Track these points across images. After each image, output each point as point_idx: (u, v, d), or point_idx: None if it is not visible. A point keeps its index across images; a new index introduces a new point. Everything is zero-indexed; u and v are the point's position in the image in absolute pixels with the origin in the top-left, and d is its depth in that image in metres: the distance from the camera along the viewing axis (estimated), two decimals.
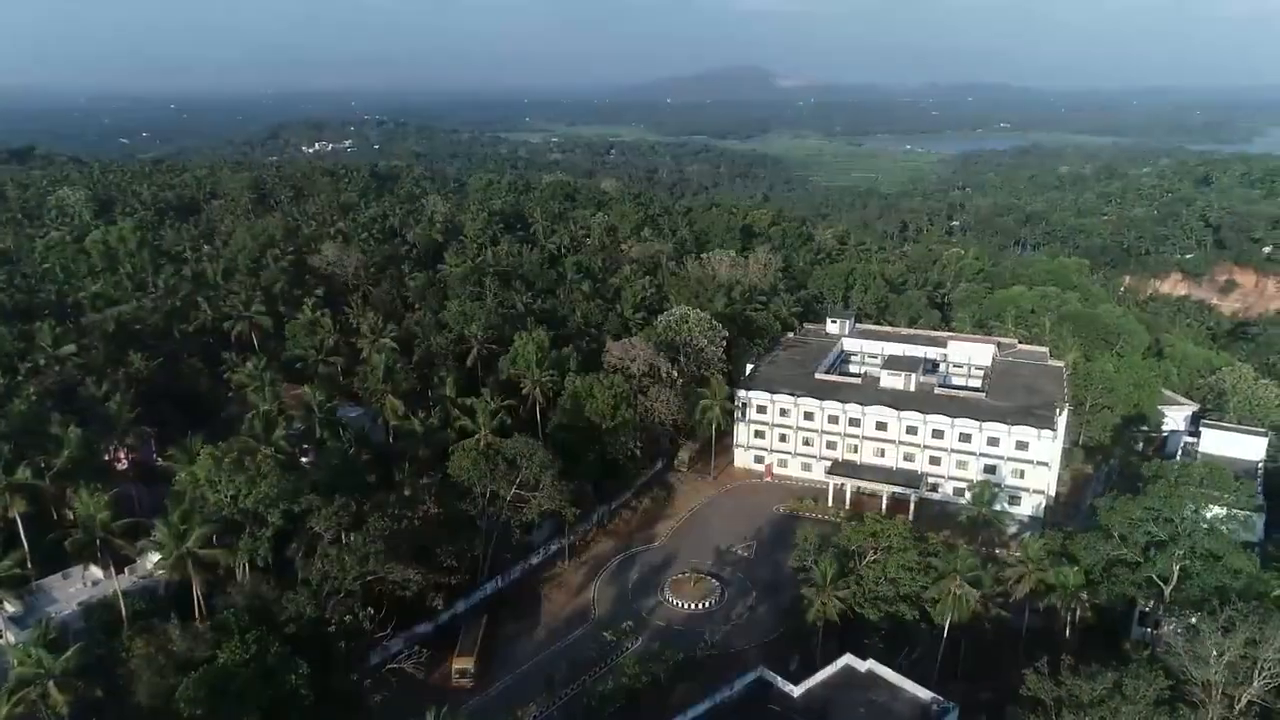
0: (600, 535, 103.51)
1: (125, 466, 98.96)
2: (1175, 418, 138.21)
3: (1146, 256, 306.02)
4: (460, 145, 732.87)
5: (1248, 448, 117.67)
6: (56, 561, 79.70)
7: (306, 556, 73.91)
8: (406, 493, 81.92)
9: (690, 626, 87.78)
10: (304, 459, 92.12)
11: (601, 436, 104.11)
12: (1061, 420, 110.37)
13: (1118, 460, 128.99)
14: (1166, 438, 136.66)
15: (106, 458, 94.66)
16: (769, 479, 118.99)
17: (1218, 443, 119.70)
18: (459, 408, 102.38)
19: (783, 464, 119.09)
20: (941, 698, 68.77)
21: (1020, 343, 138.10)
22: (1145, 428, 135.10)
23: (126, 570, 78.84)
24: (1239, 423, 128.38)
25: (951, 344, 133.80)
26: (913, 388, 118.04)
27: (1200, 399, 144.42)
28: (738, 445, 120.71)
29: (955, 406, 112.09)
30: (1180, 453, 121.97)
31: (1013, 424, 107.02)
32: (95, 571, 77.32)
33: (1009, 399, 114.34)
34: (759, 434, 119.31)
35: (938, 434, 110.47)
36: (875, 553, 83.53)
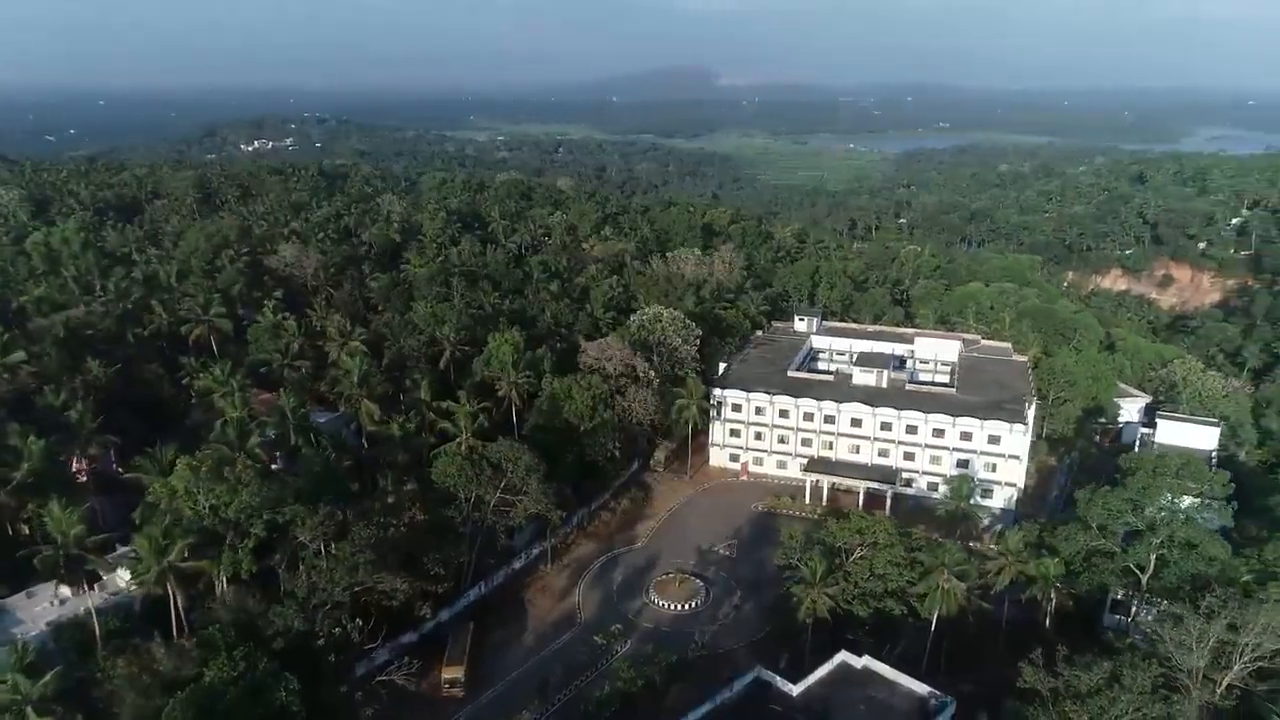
0: (581, 538, 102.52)
1: (85, 478, 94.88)
2: (1130, 409, 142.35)
3: (1088, 253, 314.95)
4: (405, 144, 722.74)
5: (1201, 437, 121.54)
6: (18, 580, 76.13)
7: (290, 567, 71.68)
8: (390, 499, 79.92)
9: (678, 627, 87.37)
10: (274, 466, 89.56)
11: (580, 438, 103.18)
12: (1031, 414, 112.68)
13: (1079, 452, 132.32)
14: (1122, 429, 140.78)
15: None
16: (745, 477, 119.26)
17: (1173, 433, 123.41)
18: (436, 411, 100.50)
19: (758, 462, 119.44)
20: (939, 692, 69.40)
21: (983, 338, 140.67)
22: (1103, 420, 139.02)
23: (95, 587, 75.56)
24: (1191, 414, 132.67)
25: (918, 340, 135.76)
26: (885, 384, 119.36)
27: (1152, 391, 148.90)
28: (713, 444, 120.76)
29: (928, 402, 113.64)
30: (1138, 443, 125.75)
31: (985, 418, 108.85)
32: (64, 589, 73.86)
33: (979, 394, 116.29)
34: (734, 432, 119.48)
35: (911, 429, 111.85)
36: (862, 549, 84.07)
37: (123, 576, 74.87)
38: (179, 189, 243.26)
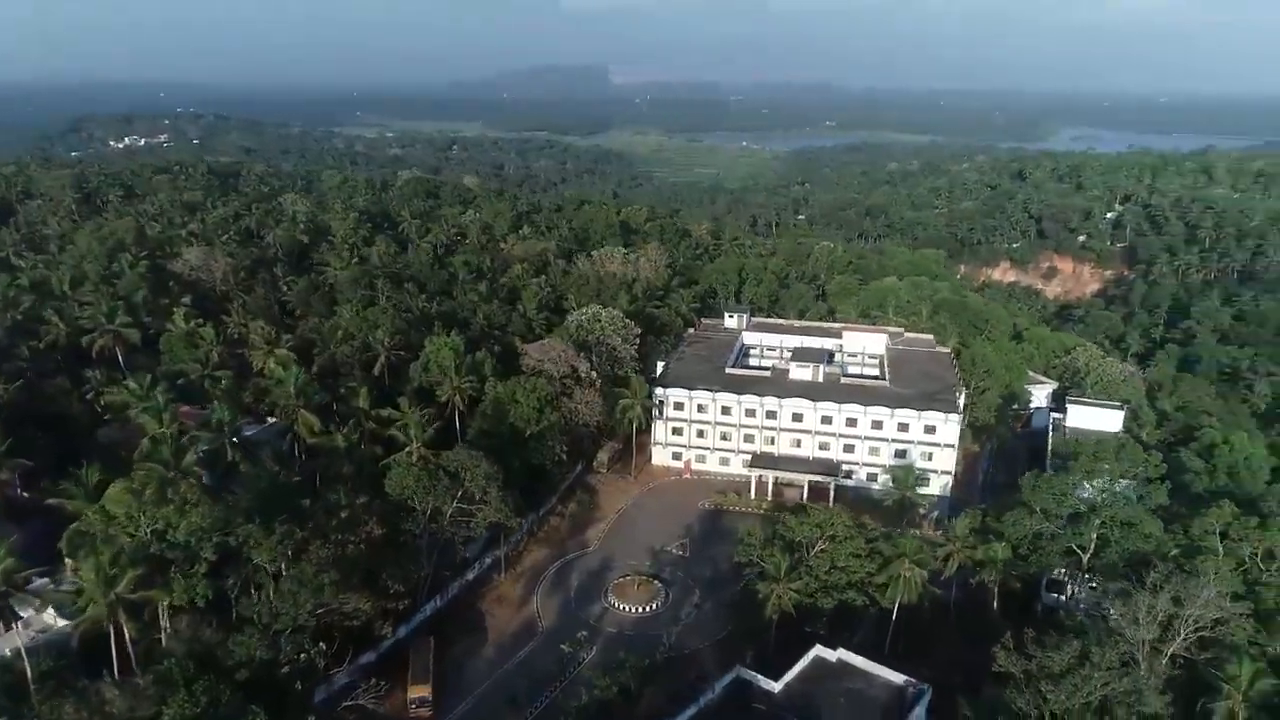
0: (532, 544, 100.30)
1: None
2: (1039, 396, 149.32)
3: (979, 247, 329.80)
4: (292, 140, 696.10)
5: (1107, 420, 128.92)
6: None
7: (245, 591, 67.30)
8: (344, 514, 76.08)
9: (641, 630, 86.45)
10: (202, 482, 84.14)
11: (527, 442, 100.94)
12: (962, 403, 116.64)
13: (997, 438, 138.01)
14: (1032, 414, 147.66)
15: None
16: (687, 475, 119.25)
17: (1082, 417, 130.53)
18: (377, 420, 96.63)
19: (700, 459, 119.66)
20: (914, 680, 70.83)
21: (906, 331, 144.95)
22: (1015, 406, 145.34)
23: (18, 625, 69.12)
24: (1096, 399, 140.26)
25: (846, 334, 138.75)
26: (821, 379, 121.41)
27: (1058, 378, 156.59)
28: (656, 443, 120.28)
29: (864, 395, 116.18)
30: (1051, 428, 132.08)
31: (922, 409, 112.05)
32: None
33: (910, 386, 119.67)
34: (677, 431, 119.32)
35: (851, 422, 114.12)
36: (822, 543, 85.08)
37: (50, 612, 68.91)
38: (54, 188, 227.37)
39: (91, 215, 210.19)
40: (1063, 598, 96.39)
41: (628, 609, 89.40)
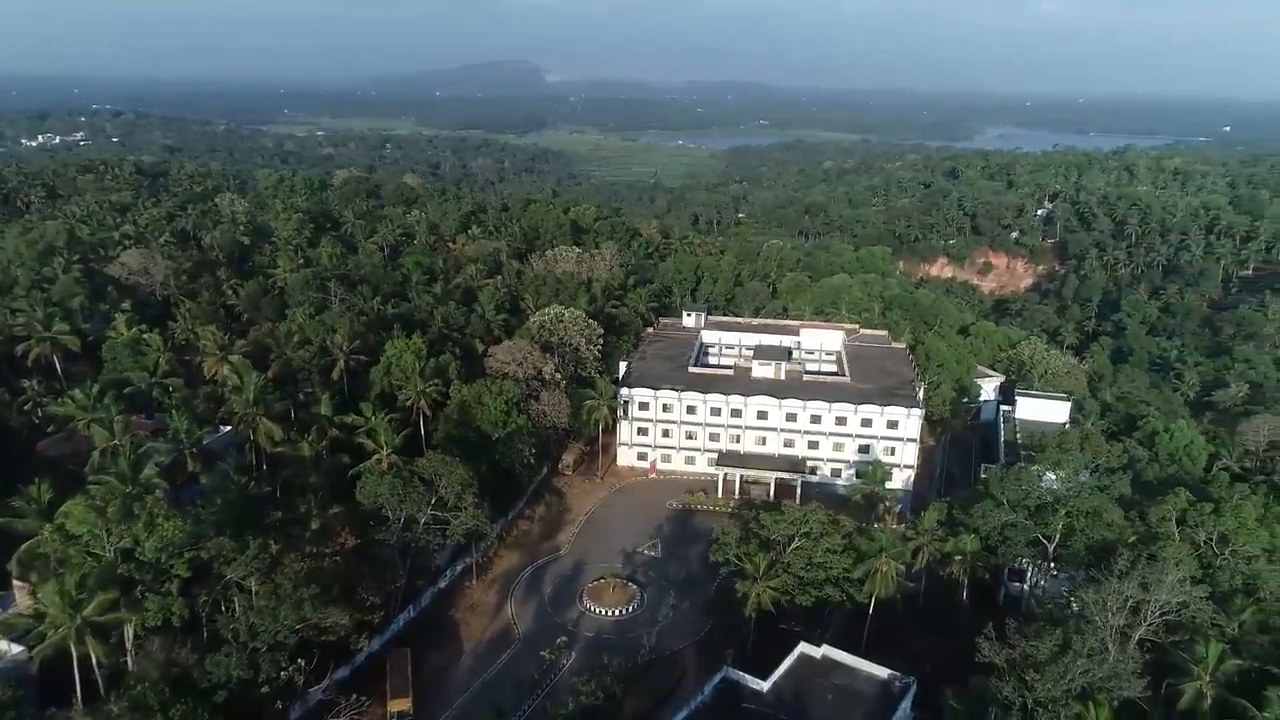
0: (503, 549, 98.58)
1: None
2: (987, 389, 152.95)
3: (916, 243, 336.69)
4: (218, 138, 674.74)
5: (1055, 412, 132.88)
6: None
7: (216, 609, 64.54)
8: (314, 526, 73.65)
9: (619, 633, 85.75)
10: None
11: (494, 445, 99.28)
12: (921, 397, 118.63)
13: (951, 431, 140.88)
14: (980, 407, 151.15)
15: None
16: (653, 475, 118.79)
17: (1031, 409, 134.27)
18: (339, 427, 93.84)
19: (666, 459, 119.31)
20: (899, 674, 71.60)
21: (860, 328, 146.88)
22: (966, 399, 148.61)
23: None
24: (1043, 391, 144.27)
25: (804, 331, 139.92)
26: (783, 376, 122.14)
27: (1004, 371, 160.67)
28: (621, 444, 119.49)
29: (827, 391, 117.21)
30: (1001, 420, 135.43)
31: (884, 405, 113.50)
32: None
33: (870, 381, 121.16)
34: (642, 431, 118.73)
35: (816, 419, 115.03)
36: (798, 540, 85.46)
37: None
38: None
39: (13, 217, 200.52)
40: (1024, 586, 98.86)
41: (604, 612, 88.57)
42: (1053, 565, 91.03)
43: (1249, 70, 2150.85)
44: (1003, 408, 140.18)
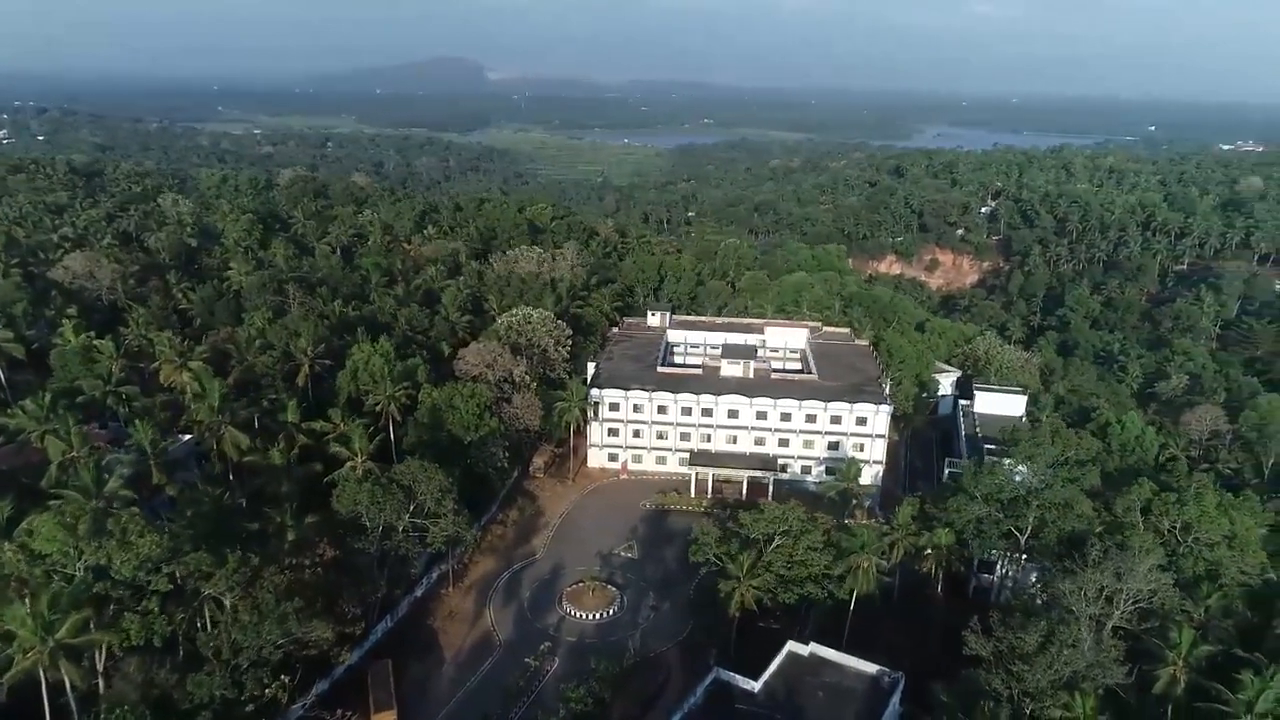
0: (478, 555, 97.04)
1: None
2: (945, 384, 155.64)
3: (865, 240, 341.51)
4: (150, 137, 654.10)
5: (1011, 405, 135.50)
6: None
7: (194, 626, 62.17)
8: (291, 537, 71.48)
9: (602, 637, 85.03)
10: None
11: (467, 449, 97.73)
12: (888, 393, 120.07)
13: (911, 427, 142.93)
14: (938, 401, 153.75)
15: None
16: (625, 476, 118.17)
17: (989, 403, 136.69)
18: (307, 434, 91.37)
19: (637, 460, 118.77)
20: (888, 669, 72.19)
21: (823, 325, 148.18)
22: (925, 394, 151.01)
23: None
24: (1000, 385, 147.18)
25: (769, 330, 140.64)
26: (752, 375, 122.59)
27: (960, 366, 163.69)
28: (592, 445, 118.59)
29: (796, 389, 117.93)
30: (961, 415, 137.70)
31: (853, 401, 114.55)
32: None
33: (837, 379, 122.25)
34: (613, 432, 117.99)
35: (786, 417, 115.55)
36: (780, 538, 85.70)
37: None
38: None
39: None
40: (994, 578, 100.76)
41: (585, 616, 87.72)
42: (1023, 557, 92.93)
43: (1171, 73, 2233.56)
44: (961, 402, 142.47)
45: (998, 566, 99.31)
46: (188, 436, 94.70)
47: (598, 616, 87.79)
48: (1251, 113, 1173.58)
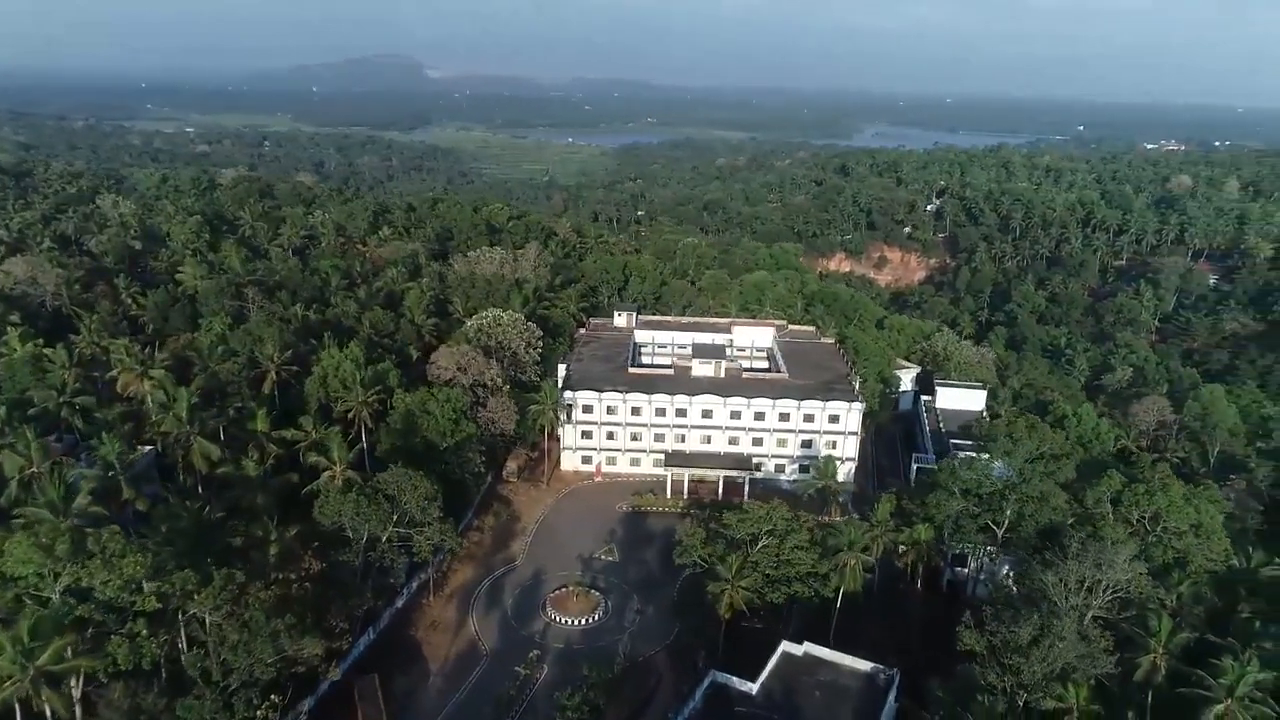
0: (457, 562, 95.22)
1: None
2: (905, 380, 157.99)
3: (815, 239, 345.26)
4: (77, 135, 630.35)
5: (972, 400, 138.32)
6: None
7: (175, 647, 59.58)
8: (273, 551, 69.11)
9: (589, 642, 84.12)
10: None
11: (443, 455, 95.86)
12: (858, 390, 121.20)
13: (875, 423, 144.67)
14: (899, 397, 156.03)
15: None
16: (599, 478, 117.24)
17: (950, 398, 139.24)
18: (278, 443, 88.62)
19: (611, 461, 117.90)
20: (883, 667, 72.66)
21: (788, 324, 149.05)
22: (889, 390, 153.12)
23: None
24: (959, 380, 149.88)
25: (735, 329, 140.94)
26: (723, 374, 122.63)
27: (919, 362, 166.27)
28: (565, 448, 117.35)
29: (770, 388, 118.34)
30: (924, 410, 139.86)
31: (826, 399, 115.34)
32: None
33: (808, 377, 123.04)
34: (586, 434, 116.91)
35: (759, 416, 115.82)
36: (765, 538, 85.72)
37: None
38: None
39: None
40: (966, 571, 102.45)
41: (570, 621, 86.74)
42: (995, 550, 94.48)
43: (1098, 74, 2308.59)
44: (923, 398, 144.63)
45: (970, 560, 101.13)
46: (148, 448, 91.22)
47: (583, 622, 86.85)
48: (1177, 113, 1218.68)
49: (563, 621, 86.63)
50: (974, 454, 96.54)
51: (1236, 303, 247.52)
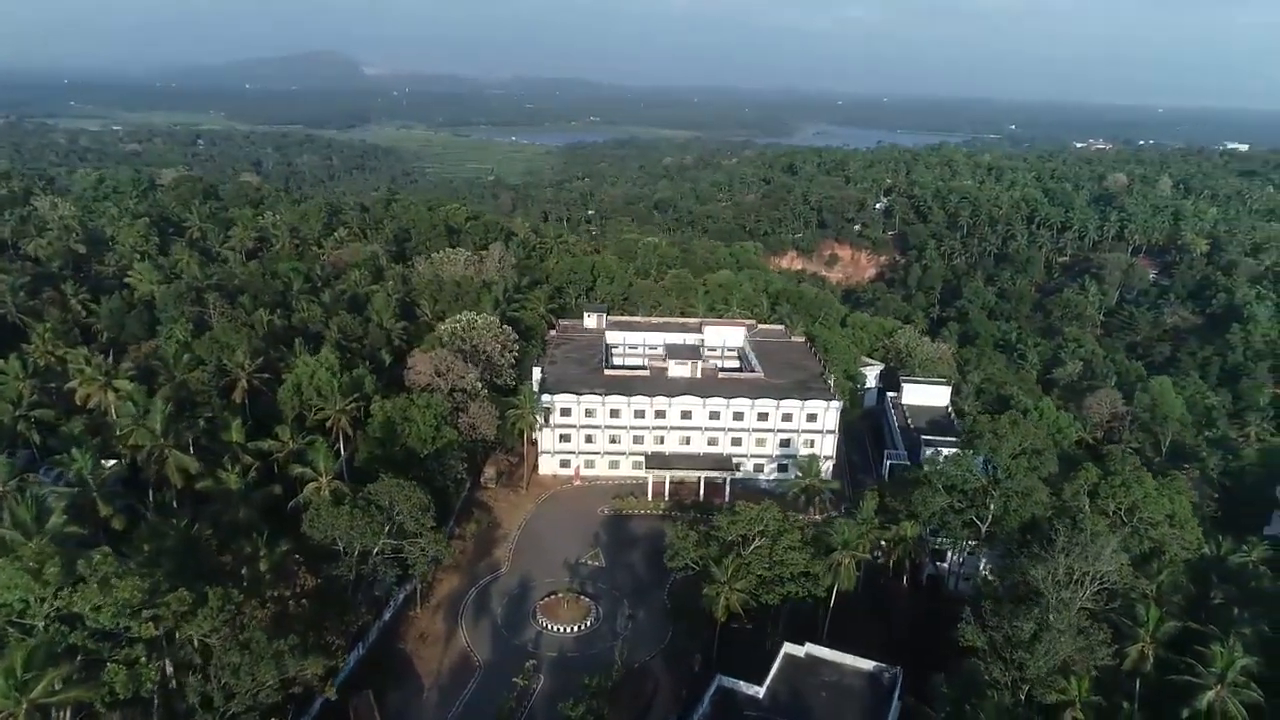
0: (441, 572, 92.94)
1: None
2: (870, 376, 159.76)
3: (767, 237, 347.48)
4: None
5: (937, 396, 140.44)
6: None
7: (177, 672, 56.91)
8: (264, 567, 66.53)
9: (582, 650, 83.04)
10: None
11: (424, 462, 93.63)
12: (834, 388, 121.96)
13: (844, 420, 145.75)
14: (864, 394, 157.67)
15: None
16: (578, 482, 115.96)
17: (915, 394, 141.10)
18: (254, 454, 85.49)
19: (590, 465, 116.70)
20: (885, 665, 72.94)
21: (758, 323, 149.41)
22: (856, 387, 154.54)
23: None
24: (924, 377, 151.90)
25: (706, 329, 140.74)
26: (700, 374, 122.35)
27: (882, 359, 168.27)
28: (543, 452, 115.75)
29: (748, 388, 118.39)
30: (891, 406, 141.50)
31: (804, 398, 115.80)
32: None
33: (784, 376, 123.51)
34: (565, 438, 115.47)
35: (738, 416, 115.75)
36: (758, 539, 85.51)
37: None
38: None
39: None
40: (945, 565, 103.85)
41: (562, 629, 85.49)
42: (972, 544, 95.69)
43: (1025, 75, 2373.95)
44: (889, 395, 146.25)
45: (949, 554, 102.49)
46: (113, 462, 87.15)
47: (576, 629, 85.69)
48: (1101, 113, 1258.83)
49: (555, 629, 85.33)
50: (955, 450, 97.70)
51: (1176, 297, 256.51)
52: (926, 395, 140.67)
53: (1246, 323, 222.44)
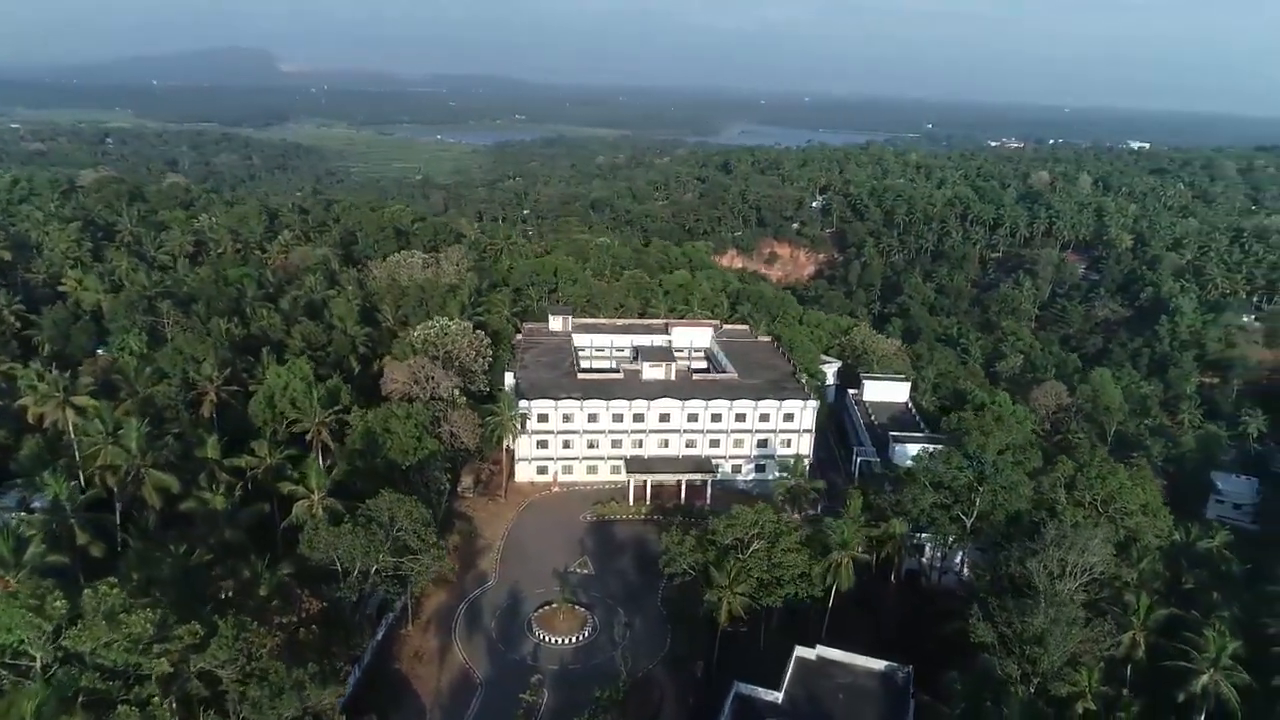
0: (428, 587, 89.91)
1: None
2: (829, 374, 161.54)
3: (707, 235, 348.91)
4: None
5: (897, 392, 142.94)
6: None
7: (195, 706, 53.46)
8: (263, 591, 63.20)
9: (583, 661, 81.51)
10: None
11: (406, 474, 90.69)
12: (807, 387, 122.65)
13: None
14: (825, 391, 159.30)
15: None
16: (556, 488, 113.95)
17: (876, 391, 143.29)
18: (230, 471, 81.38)
19: (568, 470, 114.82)
20: (897, 664, 73.32)
21: (722, 323, 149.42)
22: (818, 385, 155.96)
23: None
24: (881, 373, 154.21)
25: (674, 330, 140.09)
26: (674, 376, 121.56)
27: (839, 356, 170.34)
28: (521, 459, 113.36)
29: (724, 389, 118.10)
30: (853, 403, 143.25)
31: (781, 398, 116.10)
32: None
33: (757, 376, 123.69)
34: (542, 444, 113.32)
35: (716, 417, 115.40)
36: (757, 541, 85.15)
37: None
38: None
39: None
40: (925, 560, 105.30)
41: (560, 641, 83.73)
42: (955, 539, 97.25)
43: (939, 74, 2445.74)
44: (850, 391, 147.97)
45: (928, 549, 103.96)
46: (71, 483, 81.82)
47: (574, 640, 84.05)
48: (1010, 112, 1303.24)
49: (553, 641, 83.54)
50: (941, 447, 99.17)
51: (1106, 290, 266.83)
52: (887, 391, 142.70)
53: (1173, 315, 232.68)
